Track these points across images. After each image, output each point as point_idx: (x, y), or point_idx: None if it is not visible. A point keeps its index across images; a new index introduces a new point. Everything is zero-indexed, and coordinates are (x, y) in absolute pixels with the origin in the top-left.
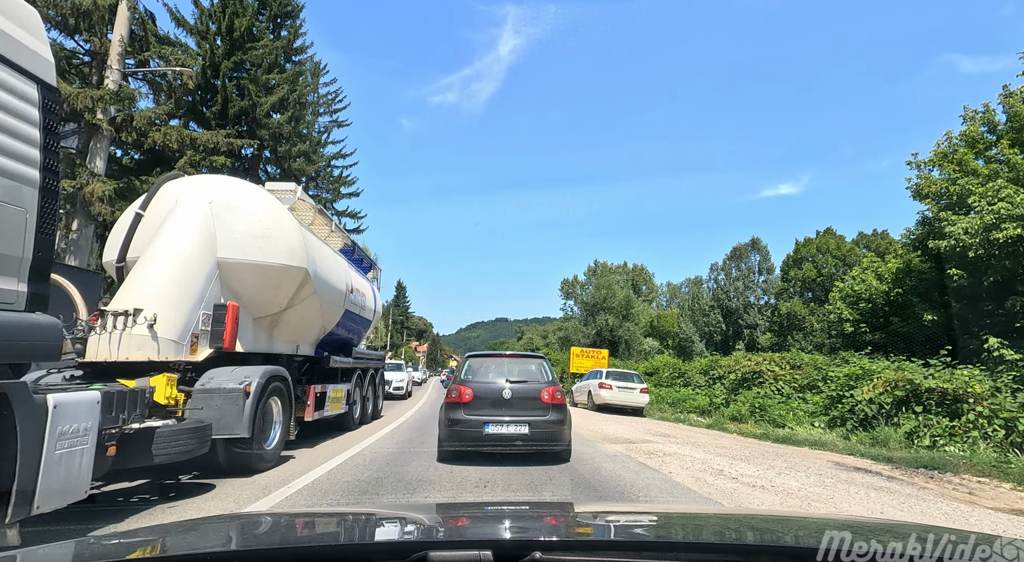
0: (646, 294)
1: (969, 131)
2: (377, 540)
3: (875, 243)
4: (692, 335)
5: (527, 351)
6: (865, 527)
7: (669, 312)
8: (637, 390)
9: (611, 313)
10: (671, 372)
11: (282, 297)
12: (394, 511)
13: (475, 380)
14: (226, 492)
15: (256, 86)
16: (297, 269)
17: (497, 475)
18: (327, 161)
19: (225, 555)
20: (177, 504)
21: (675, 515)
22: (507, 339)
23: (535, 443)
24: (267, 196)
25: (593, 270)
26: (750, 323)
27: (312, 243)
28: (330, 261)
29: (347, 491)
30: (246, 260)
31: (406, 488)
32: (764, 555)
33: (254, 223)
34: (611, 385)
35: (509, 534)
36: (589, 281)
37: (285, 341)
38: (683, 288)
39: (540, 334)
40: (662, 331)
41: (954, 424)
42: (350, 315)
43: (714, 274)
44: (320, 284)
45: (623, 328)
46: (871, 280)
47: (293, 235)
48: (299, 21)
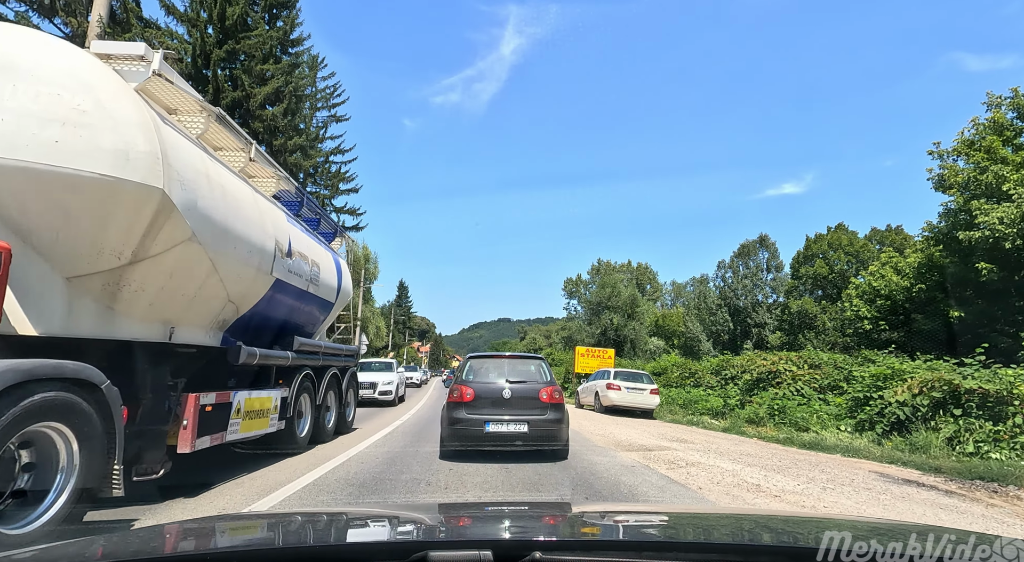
0: (650, 293)
1: (996, 117)
2: (377, 540)
3: (889, 238)
4: (699, 334)
5: (527, 352)
6: (865, 527)
7: (674, 311)
8: (647, 391)
9: (616, 312)
10: (681, 372)
11: (116, 239)
12: (394, 511)
13: (476, 380)
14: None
15: (250, 77)
16: (138, 188)
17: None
18: (325, 157)
19: (225, 555)
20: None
21: (675, 515)
22: (510, 339)
23: (534, 441)
24: (81, 56)
25: (597, 269)
26: (759, 322)
27: (186, 153)
28: (239, 198)
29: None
30: (25, 162)
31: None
32: (764, 555)
33: (46, 98)
34: (619, 386)
35: (509, 534)
36: (593, 280)
37: (143, 320)
38: (688, 287)
39: (543, 334)
40: (667, 330)
41: (999, 428)
42: (288, 289)
43: (721, 272)
44: (207, 227)
45: (628, 327)
46: (890, 275)
47: (131, 128)
48: (295, 11)
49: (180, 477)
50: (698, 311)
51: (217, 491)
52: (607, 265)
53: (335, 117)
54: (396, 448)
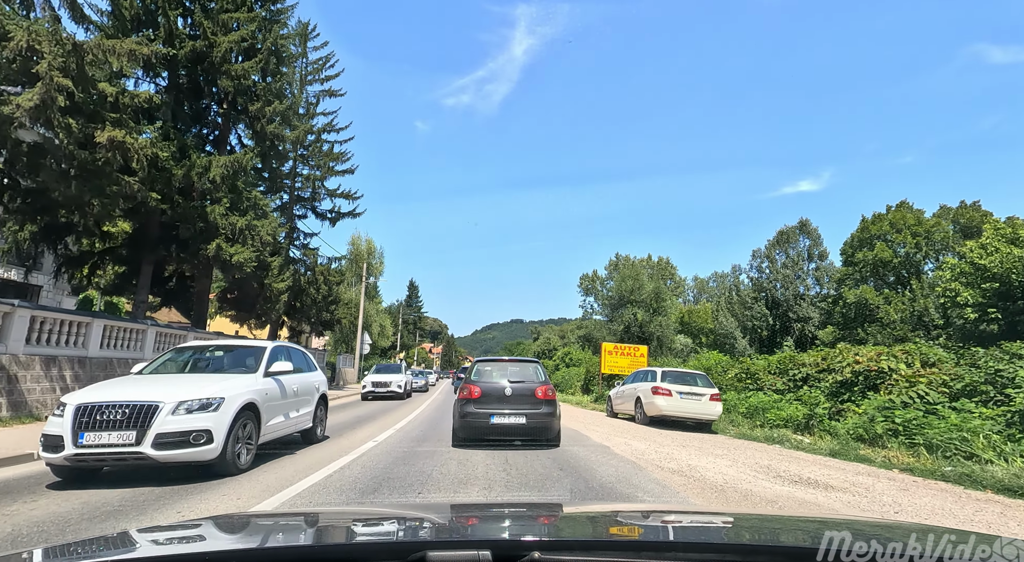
0: (672, 289)
1: None
2: (376, 540)
3: (966, 216)
4: (733, 330)
5: (540, 351)
6: (865, 527)
7: (700, 307)
8: (706, 397)
9: (640, 306)
10: (736, 373)
11: None
12: (393, 511)
13: (482, 380)
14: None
15: (214, 24)
16: None
17: None
18: (317, 134)
19: (225, 555)
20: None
21: (674, 515)
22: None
23: (531, 431)
24: None
25: (615, 264)
26: (802, 316)
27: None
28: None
29: None
30: None
31: None
32: (763, 555)
33: None
34: (670, 390)
35: (508, 534)
36: (610, 276)
37: None
38: (710, 282)
39: (558, 334)
40: (694, 327)
41: None
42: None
43: (756, 261)
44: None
45: (654, 323)
46: (1005, 249)
47: None
48: None
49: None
50: (730, 305)
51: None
52: (625, 260)
53: (329, 92)
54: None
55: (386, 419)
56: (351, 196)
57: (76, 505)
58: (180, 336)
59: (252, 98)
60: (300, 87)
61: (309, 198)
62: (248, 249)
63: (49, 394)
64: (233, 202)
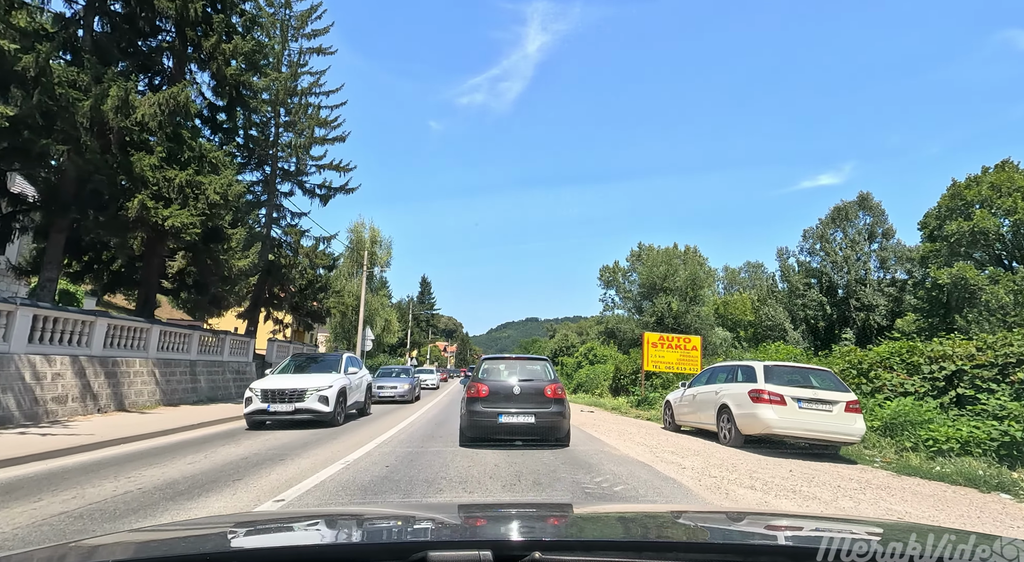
0: (703, 279)
1: None
2: (377, 540)
3: None
4: (783, 321)
5: (554, 349)
6: (865, 527)
7: (737, 297)
8: (839, 407)
9: (674, 295)
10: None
11: None
12: (394, 511)
13: (490, 379)
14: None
15: None
16: None
17: None
18: (301, 95)
19: (225, 555)
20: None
21: (675, 515)
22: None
23: (540, 431)
24: None
25: (637, 255)
26: (866, 303)
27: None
28: None
29: None
30: None
31: None
32: (764, 555)
33: None
34: (782, 396)
35: (509, 534)
36: (633, 267)
37: None
38: (741, 273)
39: (575, 331)
40: (731, 319)
41: None
42: None
43: (807, 243)
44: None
45: (691, 313)
46: None
47: None
48: None
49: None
50: (776, 293)
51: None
52: (649, 249)
53: (318, 49)
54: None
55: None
56: (342, 168)
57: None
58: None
59: (206, 33)
60: (282, 42)
61: (295, 172)
62: (189, 211)
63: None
64: (172, 152)
